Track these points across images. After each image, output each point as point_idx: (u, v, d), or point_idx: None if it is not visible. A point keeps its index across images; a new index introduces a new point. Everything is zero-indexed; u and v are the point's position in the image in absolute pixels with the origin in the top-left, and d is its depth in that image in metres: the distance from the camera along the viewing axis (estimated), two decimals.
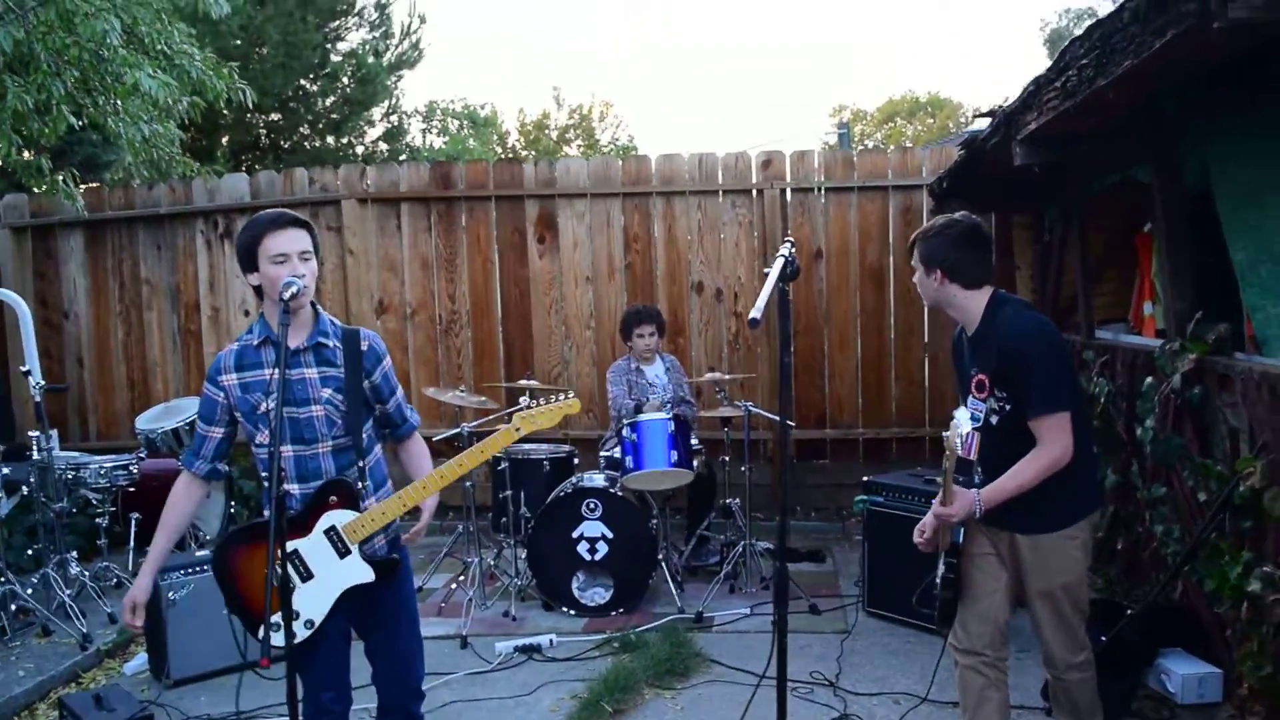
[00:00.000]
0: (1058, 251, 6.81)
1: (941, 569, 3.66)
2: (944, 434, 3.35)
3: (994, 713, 3.69)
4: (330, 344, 3.39)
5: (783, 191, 8.05)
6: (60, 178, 7.82)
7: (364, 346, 3.44)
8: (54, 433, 6.82)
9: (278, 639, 3.25)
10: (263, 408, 3.30)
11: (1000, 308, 3.55)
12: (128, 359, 8.93)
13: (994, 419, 3.53)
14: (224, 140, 17.19)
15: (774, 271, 2.81)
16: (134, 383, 8.93)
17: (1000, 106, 5.40)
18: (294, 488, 3.35)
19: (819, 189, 8.05)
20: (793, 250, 2.92)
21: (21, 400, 8.45)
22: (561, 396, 3.58)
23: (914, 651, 5.31)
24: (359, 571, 3.36)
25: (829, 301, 8.16)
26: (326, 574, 3.33)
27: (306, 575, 3.32)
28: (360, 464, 3.46)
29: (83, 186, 8.80)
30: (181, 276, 8.78)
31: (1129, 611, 4.61)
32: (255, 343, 3.36)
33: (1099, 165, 5.52)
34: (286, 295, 3.11)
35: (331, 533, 3.32)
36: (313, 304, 3.38)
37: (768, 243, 8.00)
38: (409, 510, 3.43)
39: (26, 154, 8.07)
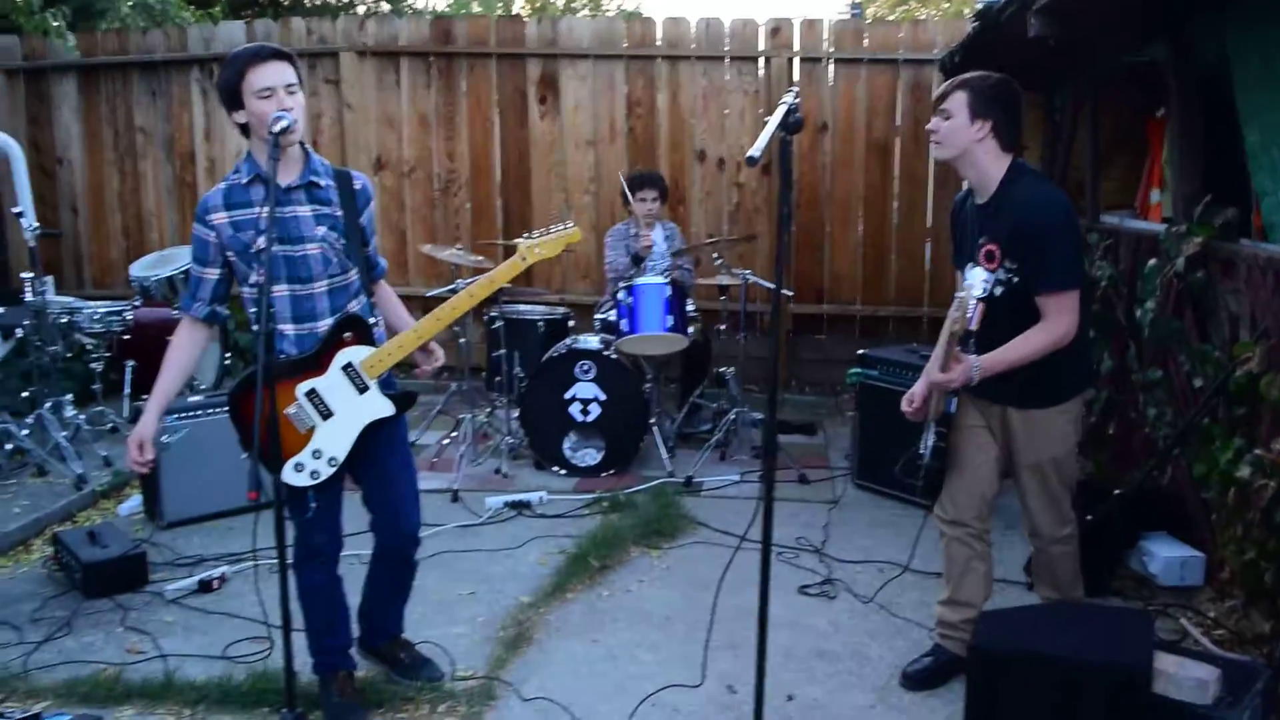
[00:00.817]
0: (1067, 133, 6.70)
1: (932, 439, 3.66)
2: (957, 294, 3.31)
3: (977, 583, 3.74)
4: (323, 183, 3.33)
5: (790, 60, 7.88)
6: (56, 23, 7.59)
7: (357, 186, 3.40)
8: (49, 279, 6.77)
9: (299, 479, 3.30)
10: (256, 246, 3.26)
11: (1020, 177, 3.45)
12: (123, 208, 8.83)
13: (999, 290, 3.48)
14: None
15: (775, 117, 2.72)
16: (129, 232, 8.84)
17: None
18: (289, 328, 3.33)
19: (827, 59, 7.87)
20: (797, 99, 2.81)
21: (15, 245, 8.37)
22: (562, 226, 3.54)
23: (899, 523, 5.37)
24: (378, 406, 3.37)
25: (832, 176, 8.05)
26: (346, 411, 3.33)
27: (326, 413, 3.32)
28: (370, 300, 3.46)
29: (76, 31, 8.59)
30: (176, 126, 8.63)
31: (1116, 492, 4.64)
32: (244, 181, 3.29)
33: (1114, 43, 5.38)
34: (276, 129, 3.04)
35: (349, 369, 3.32)
36: (302, 144, 3.31)
37: (772, 112, 7.84)
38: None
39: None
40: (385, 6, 19.83)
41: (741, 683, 3.71)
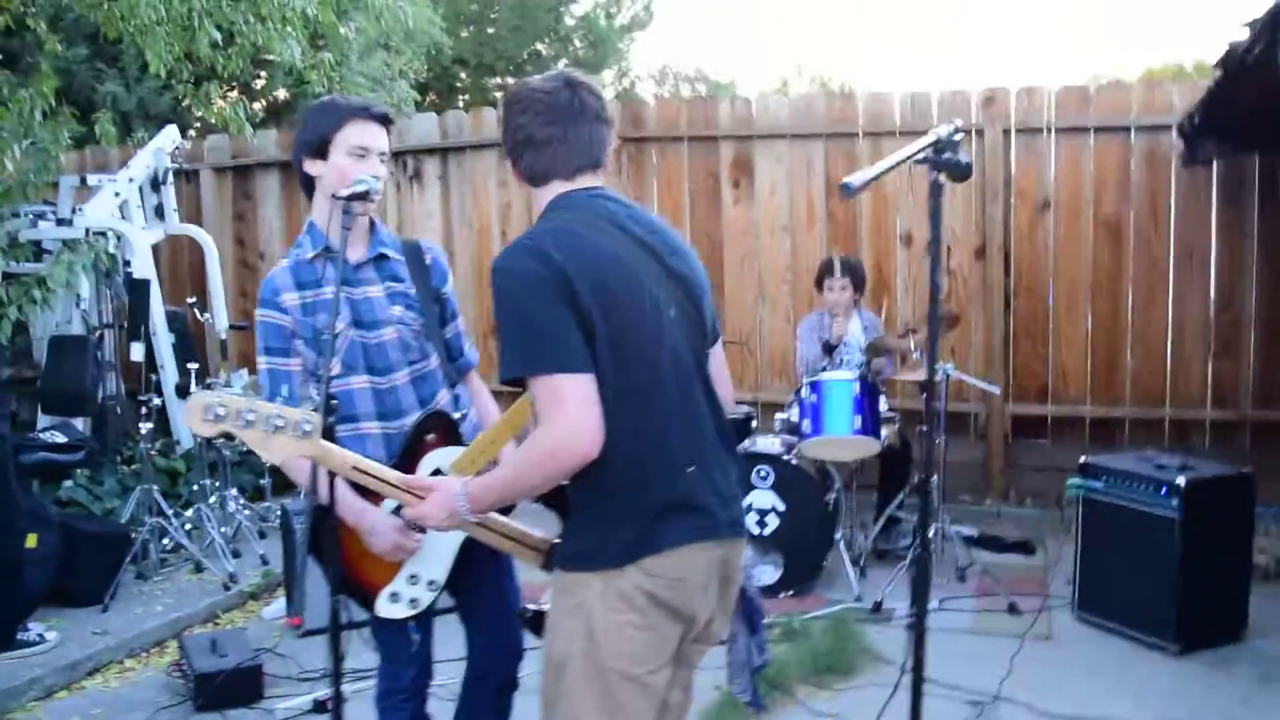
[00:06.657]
0: None
1: None
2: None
3: None
4: (393, 256, 2.92)
5: (1005, 132, 7.10)
6: (241, 113, 7.66)
7: (428, 260, 2.97)
8: (242, 371, 6.77)
9: (396, 610, 2.88)
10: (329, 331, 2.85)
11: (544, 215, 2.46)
12: None
13: None
14: (460, 102, 17.56)
15: (913, 146, 2.04)
16: None
17: None
18: (373, 427, 2.92)
19: (1049, 129, 7.08)
20: (956, 132, 2.10)
21: (215, 340, 8.49)
22: None
23: (1128, 669, 4.44)
24: None
25: (1057, 258, 7.16)
26: None
27: (418, 531, 2.81)
28: (454, 391, 3.00)
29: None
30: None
31: None
32: (309, 256, 2.90)
33: None
34: (360, 190, 2.67)
35: (438, 475, 2.82)
36: (369, 216, 2.92)
37: (987, 190, 7.11)
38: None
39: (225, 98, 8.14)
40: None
41: None
